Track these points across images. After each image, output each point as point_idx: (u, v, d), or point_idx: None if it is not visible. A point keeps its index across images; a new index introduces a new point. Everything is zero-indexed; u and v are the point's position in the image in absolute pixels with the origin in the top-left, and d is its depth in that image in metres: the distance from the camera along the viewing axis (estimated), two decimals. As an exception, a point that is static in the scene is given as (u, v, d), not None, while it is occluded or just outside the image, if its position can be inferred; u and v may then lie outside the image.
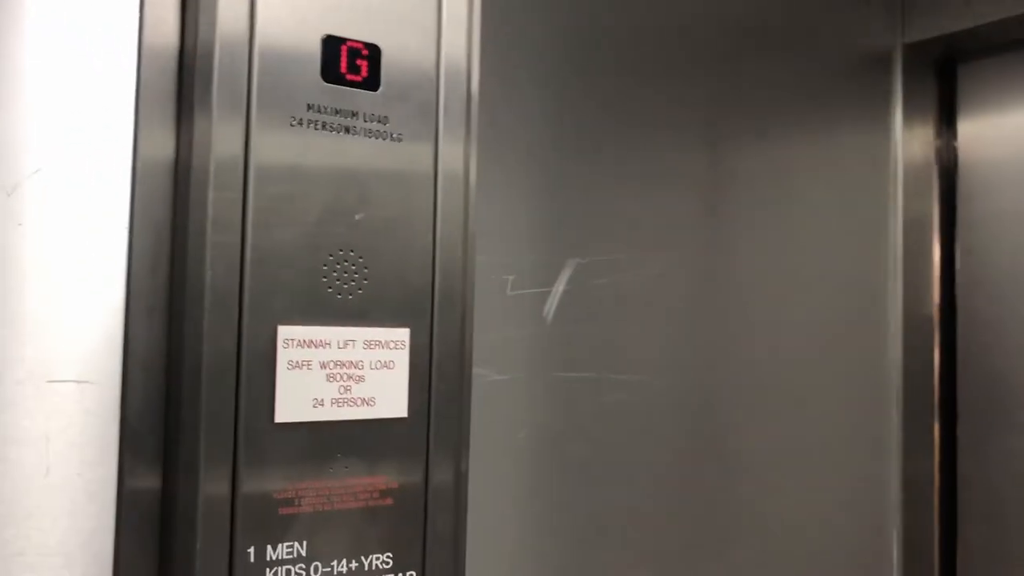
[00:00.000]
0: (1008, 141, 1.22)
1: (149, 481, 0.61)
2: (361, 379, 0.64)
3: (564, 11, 0.90)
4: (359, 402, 0.64)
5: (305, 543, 0.62)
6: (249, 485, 0.60)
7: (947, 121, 1.27)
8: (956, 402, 1.24)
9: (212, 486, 0.59)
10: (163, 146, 0.62)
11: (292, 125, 0.62)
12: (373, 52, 0.65)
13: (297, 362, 0.61)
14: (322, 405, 0.63)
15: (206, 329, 0.58)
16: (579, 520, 0.90)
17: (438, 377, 0.68)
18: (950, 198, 1.26)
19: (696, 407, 0.99)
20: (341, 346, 0.63)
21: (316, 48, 0.63)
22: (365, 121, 0.64)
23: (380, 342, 0.65)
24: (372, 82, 0.65)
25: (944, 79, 1.27)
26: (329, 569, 0.63)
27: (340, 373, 0.63)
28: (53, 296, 0.58)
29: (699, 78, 1.01)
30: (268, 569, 0.60)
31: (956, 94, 1.26)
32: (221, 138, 0.59)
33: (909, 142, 1.23)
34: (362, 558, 0.64)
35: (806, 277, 1.11)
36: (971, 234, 1.24)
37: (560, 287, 0.88)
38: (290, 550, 0.61)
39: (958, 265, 1.25)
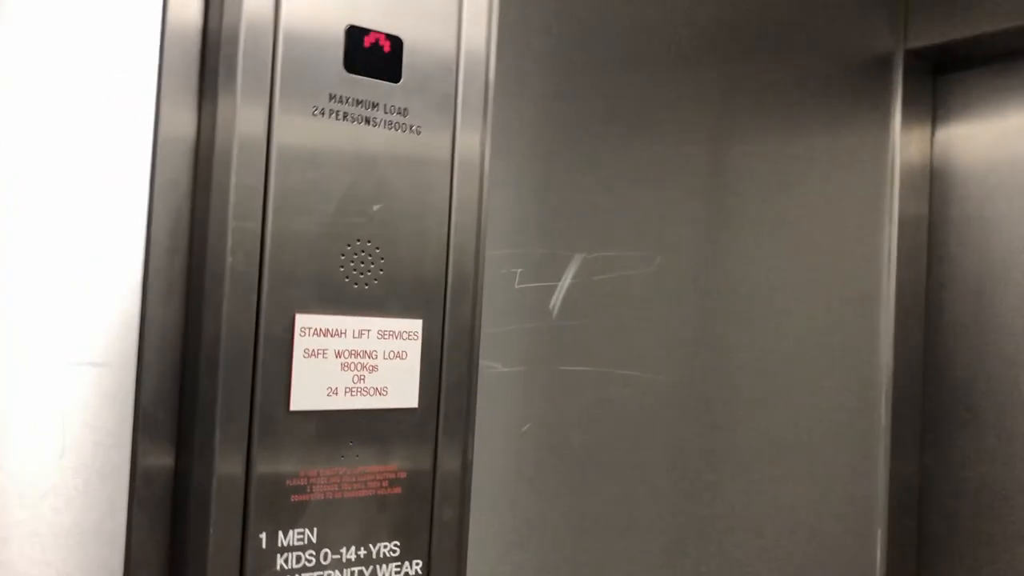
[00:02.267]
0: (978, 149, 1.25)
1: (162, 464, 0.61)
2: (375, 368, 0.65)
3: (572, 5, 0.90)
4: (372, 391, 0.65)
5: (316, 530, 0.62)
6: (262, 471, 0.60)
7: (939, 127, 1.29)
8: (923, 399, 1.27)
9: (226, 471, 0.59)
10: (184, 128, 0.62)
11: (314, 114, 0.62)
12: (395, 43, 0.65)
13: (313, 350, 0.62)
14: (336, 394, 0.63)
15: (225, 315, 0.59)
16: (579, 512, 0.91)
17: (448, 368, 0.68)
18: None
19: (695, 402, 1.01)
20: (356, 335, 0.64)
21: (339, 37, 0.63)
22: (385, 112, 0.65)
23: (394, 332, 0.65)
24: (393, 73, 0.65)
25: (940, 85, 1.29)
26: (338, 556, 0.63)
27: (355, 362, 0.64)
28: (71, 278, 0.58)
29: (705, 76, 1.02)
30: (279, 555, 0.61)
31: (936, 102, 1.29)
32: (244, 123, 0.59)
33: (906, 145, 1.24)
34: (370, 546, 0.65)
35: (804, 274, 1.12)
36: (943, 237, 1.27)
37: (566, 281, 0.89)
38: (301, 536, 0.62)
39: (930, 268, 1.28)
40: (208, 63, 0.62)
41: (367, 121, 0.64)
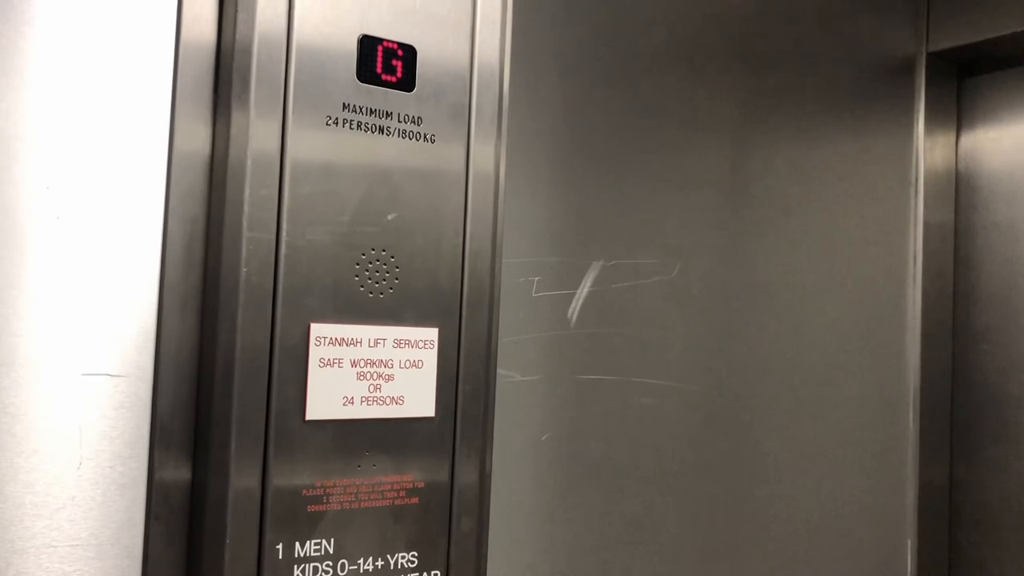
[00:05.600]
0: (1004, 152, 1.23)
1: (179, 475, 0.61)
2: (391, 378, 0.64)
3: (590, 13, 0.90)
4: (388, 401, 0.64)
5: (332, 540, 0.62)
6: (279, 482, 0.60)
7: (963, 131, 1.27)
8: (952, 410, 1.25)
9: (242, 482, 0.59)
10: (199, 142, 0.62)
11: (328, 124, 0.62)
12: (408, 53, 0.65)
13: (329, 360, 0.62)
14: (352, 403, 0.63)
15: (240, 325, 0.59)
16: (600, 522, 0.90)
17: (465, 377, 0.68)
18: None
19: (717, 410, 1.00)
20: (372, 345, 0.64)
21: (352, 48, 0.63)
22: (399, 122, 0.65)
23: (410, 341, 0.65)
24: (407, 83, 0.65)
25: (964, 89, 1.27)
26: (356, 567, 0.63)
27: (370, 372, 0.64)
28: (88, 290, 0.59)
29: (726, 82, 1.01)
30: (296, 566, 0.61)
31: (960, 105, 1.27)
32: (258, 135, 0.60)
33: (931, 149, 1.23)
34: (388, 556, 0.64)
35: (827, 281, 1.11)
36: (968, 243, 1.25)
37: (584, 289, 0.89)
38: (317, 547, 0.61)
39: (956, 274, 1.26)
40: (222, 77, 0.62)
41: (381, 130, 0.64)
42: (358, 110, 0.63)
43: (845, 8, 1.15)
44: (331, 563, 0.62)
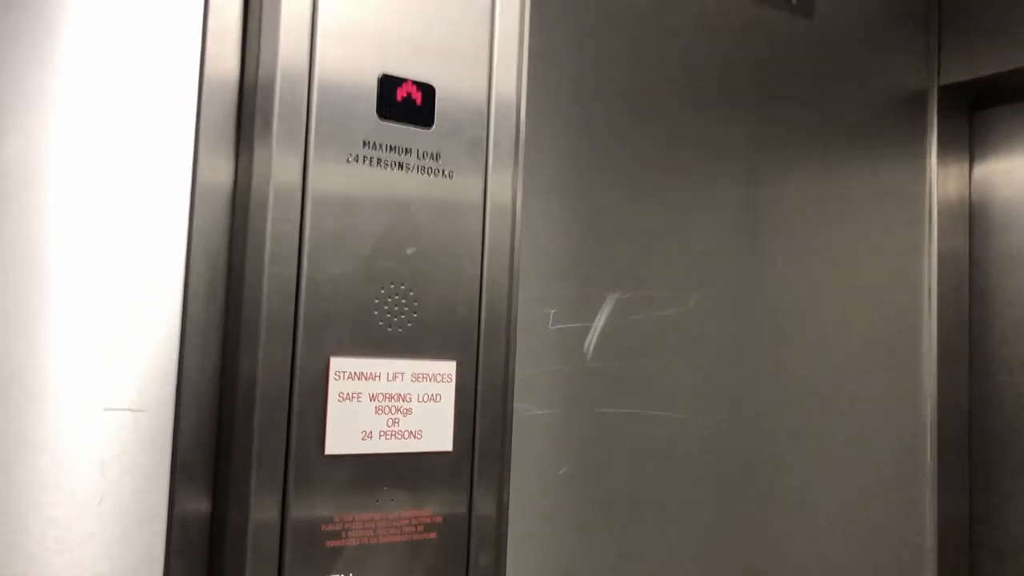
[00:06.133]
0: (1017, 183, 1.23)
1: (199, 509, 0.61)
2: (409, 412, 0.65)
3: (605, 44, 0.91)
4: (406, 435, 0.65)
5: (351, 575, 0.62)
6: (298, 516, 0.60)
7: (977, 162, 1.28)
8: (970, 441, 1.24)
9: (262, 516, 0.59)
10: (222, 178, 0.63)
11: (348, 160, 0.63)
12: (427, 90, 0.66)
13: (348, 394, 0.62)
14: (370, 438, 0.63)
15: (261, 360, 0.59)
16: (617, 555, 0.90)
17: (482, 411, 0.68)
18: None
19: (734, 444, 0.99)
20: (390, 379, 0.64)
21: (372, 85, 0.64)
22: (418, 157, 0.65)
23: (428, 375, 0.66)
24: (426, 119, 0.66)
25: (976, 121, 1.28)
26: (374, 601, 0.63)
27: (389, 406, 0.64)
28: (109, 325, 0.59)
29: (740, 116, 1.02)
30: (315, 600, 0.60)
31: (972, 137, 1.28)
32: (280, 171, 0.60)
33: (944, 181, 1.23)
34: (406, 591, 0.64)
35: (843, 313, 1.11)
36: (982, 273, 1.25)
37: (600, 322, 0.89)
38: (337, 582, 0.61)
39: (972, 303, 1.25)
40: (245, 114, 0.63)
41: (400, 166, 0.65)
42: (378, 147, 0.64)
43: (858, 43, 1.16)
44: (350, 598, 0.62)
